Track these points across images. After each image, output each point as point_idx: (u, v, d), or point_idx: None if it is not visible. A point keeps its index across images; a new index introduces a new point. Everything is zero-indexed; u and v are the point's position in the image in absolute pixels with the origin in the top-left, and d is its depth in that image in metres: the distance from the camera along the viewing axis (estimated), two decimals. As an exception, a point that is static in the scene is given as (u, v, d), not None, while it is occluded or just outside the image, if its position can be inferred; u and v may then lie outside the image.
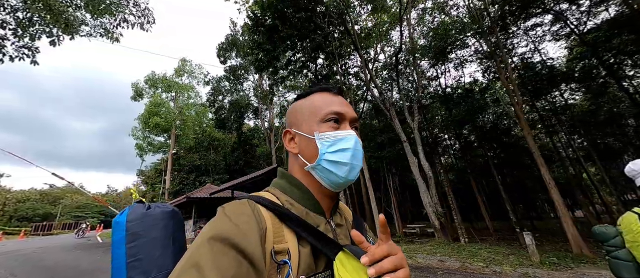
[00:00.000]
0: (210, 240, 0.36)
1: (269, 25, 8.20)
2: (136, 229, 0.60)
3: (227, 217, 0.40)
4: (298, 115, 0.57)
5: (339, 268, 0.40)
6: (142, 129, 21.65)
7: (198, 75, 25.54)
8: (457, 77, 16.62)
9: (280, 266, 0.40)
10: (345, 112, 0.54)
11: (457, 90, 14.83)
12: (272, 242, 0.42)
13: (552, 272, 4.63)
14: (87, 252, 10.57)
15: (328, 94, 0.57)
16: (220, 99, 22.11)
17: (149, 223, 0.61)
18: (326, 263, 0.45)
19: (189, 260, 0.34)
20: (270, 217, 0.45)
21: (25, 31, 7.71)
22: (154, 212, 0.63)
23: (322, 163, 0.50)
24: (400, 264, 0.38)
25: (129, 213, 0.62)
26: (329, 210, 0.55)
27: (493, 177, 17.56)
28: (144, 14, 9.12)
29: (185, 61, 25.25)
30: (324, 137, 0.52)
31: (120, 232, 0.60)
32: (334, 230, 0.52)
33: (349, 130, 0.54)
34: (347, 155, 0.50)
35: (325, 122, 0.53)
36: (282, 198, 0.52)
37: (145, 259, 0.57)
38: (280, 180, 0.57)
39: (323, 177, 0.52)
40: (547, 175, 8.26)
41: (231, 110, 21.72)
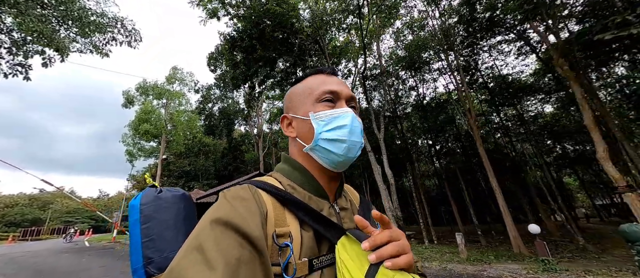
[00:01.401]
0: (212, 223, 0.37)
1: (246, 46, 9.04)
2: (148, 211, 0.63)
3: (228, 202, 0.41)
4: (294, 99, 0.57)
5: (341, 253, 0.40)
6: (133, 135, 22.19)
7: (189, 83, 26.22)
8: (434, 88, 17.79)
9: (282, 249, 0.40)
10: (340, 90, 0.54)
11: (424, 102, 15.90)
12: (273, 226, 0.42)
13: (467, 266, 5.48)
14: (74, 255, 11.11)
15: (322, 75, 0.57)
16: (209, 106, 22.80)
17: (161, 206, 0.64)
18: (329, 246, 0.45)
19: (191, 242, 0.35)
20: (271, 201, 0.45)
21: (19, 50, 8.38)
22: (165, 196, 0.66)
23: (319, 143, 0.50)
24: (403, 250, 0.37)
25: (142, 197, 0.65)
26: (332, 193, 0.54)
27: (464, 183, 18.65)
28: (131, 34, 9.88)
29: (177, 69, 25.93)
30: (320, 117, 0.51)
31: (135, 214, 0.63)
32: (338, 214, 0.52)
33: (345, 107, 0.53)
34: (344, 132, 0.50)
35: (320, 101, 0.53)
36: (284, 182, 0.51)
37: (158, 239, 0.60)
38: (283, 164, 0.56)
39: (322, 157, 0.51)
40: (494, 183, 9.17)
41: (220, 118, 22.41)
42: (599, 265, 5.65)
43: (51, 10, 8.29)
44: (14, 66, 8.35)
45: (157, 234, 0.61)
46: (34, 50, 8.45)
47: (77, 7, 8.68)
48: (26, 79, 8.49)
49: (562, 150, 19.23)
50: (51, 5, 8.05)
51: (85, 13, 8.72)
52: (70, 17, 8.30)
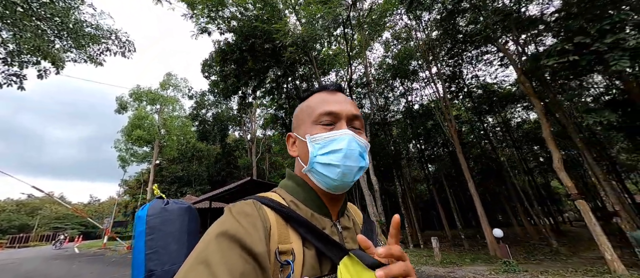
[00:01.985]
0: (218, 237, 0.37)
1: (237, 58, 9.44)
2: (154, 223, 0.64)
3: (234, 217, 0.41)
4: (298, 118, 0.57)
5: (343, 273, 0.39)
6: (125, 141, 22.26)
7: (183, 88, 26.44)
8: (421, 96, 18.43)
9: (283, 266, 0.40)
10: (340, 110, 0.52)
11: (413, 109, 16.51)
12: (277, 242, 0.42)
13: (439, 268, 5.90)
14: (64, 262, 11.17)
15: (325, 93, 0.56)
16: (203, 112, 23.04)
17: (166, 218, 0.65)
18: (331, 266, 0.44)
19: (197, 256, 0.35)
20: (275, 217, 0.45)
21: (14, 60, 8.61)
22: (171, 208, 0.67)
23: (314, 166, 0.50)
24: (408, 272, 0.37)
25: (149, 208, 0.66)
26: (335, 212, 0.54)
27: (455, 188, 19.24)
28: (125, 45, 10.21)
29: (171, 75, 26.14)
30: (316, 139, 0.50)
31: (141, 226, 0.64)
32: (341, 233, 0.51)
33: (343, 129, 0.51)
34: (338, 157, 0.48)
35: (318, 123, 0.52)
36: (287, 199, 0.51)
37: (162, 252, 0.61)
38: (287, 181, 0.56)
39: (318, 180, 0.51)
40: (472, 189, 9.67)
41: (214, 124, 22.66)
42: (561, 266, 6.12)
43: (47, 23, 8.57)
44: (9, 76, 8.58)
45: (161, 246, 0.61)
46: (29, 61, 8.69)
47: (72, 20, 8.99)
48: (20, 88, 8.72)
49: (548, 155, 20.05)
50: (47, 18, 8.34)
51: (80, 26, 9.04)
52: (65, 30, 8.60)
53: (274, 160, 26.82)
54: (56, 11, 8.62)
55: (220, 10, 7.66)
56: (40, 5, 8.41)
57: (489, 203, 20.73)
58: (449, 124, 10.12)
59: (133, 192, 27.79)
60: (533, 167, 18.42)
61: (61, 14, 8.68)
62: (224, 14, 8.98)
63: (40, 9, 8.40)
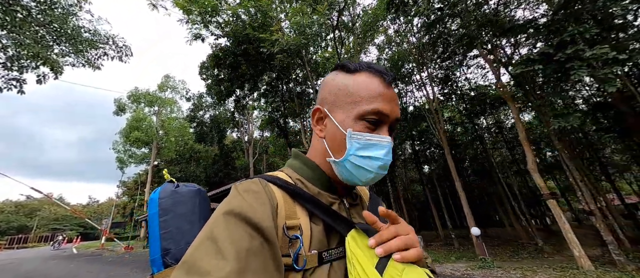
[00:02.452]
0: (224, 214, 0.38)
1: (231, 63, 9.71)
2: (166, 205, 0.67)
3: (240, 194, 0.42)
4: (336, 95, 0.52)
5: (351, 245, 0.40)
6: (124, 142, 22.51)
7: (181, 90, 26.71)
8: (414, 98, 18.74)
9: (291, 241, 0.41)
10: (390, 111, 0.49)
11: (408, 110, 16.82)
12: (284, 218, 0.43)
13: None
14: (63, 262, 11.40)
15: (378, 81, 0.50)
16: (201, 114, 23.30)
17: (178, 200, 0.67)
18: (339, 240, 0.45)
19: (205, 233, 0.37)
20: (281, 194, 0.46)
21: (13, 64, 8.87)
22: (181, 190, 0.70)
23: (346, 163, 0.48)
24: (412, 243, 0.39)
25: (160, 191, 0.70)
26: (342, 190, 0.54)
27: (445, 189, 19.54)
28: (122, 49, 10.47)
29: (169, 77, 26.42)
30: (357, 137, 0.47)
31: (154, 208, 0.68)
32: (348, 210, 0.52)
33: (386, 135, 0.49)
34: (374, 165, 0.47)
35: (362, 119, 0.48)
36: (294, 177, 0.52)
37: (175, 231, 0.63)
38: (294, 160, 0.56)
39: (343, 173, 0.50)
40: (460, 189, 9.94)
41: (211, 125, 22.91)
42: (539, 263, 6.41)
43: (46, 29, 8.83)
44: (9, 81, 8.85)
45: (174, 226, 0.64)
46: (28, 66, 8.95)
47: (70, 26, 9.26)
48: (20, 92, 9.00)
49: (542, 156, 20.32)
50: (46, 25, 8.60)
51: (78, 32, 9.31)
52: (63, 36, 8.87)
53: (271, 160, 27.09)
54: (54, 18, 8.88)
55: (214, 16, 7.93)
56: (40, 11, 8.67)
57: (484, 203, 21.05)
58: (439, 126, 10.41)
59: (131, 193, 28.04)
60: (525, 168, 18.70)
61: (59, 21, 8.94)
62: (219, 19, 9.27)
63: (39, 15, 8.67)
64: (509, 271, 5.23)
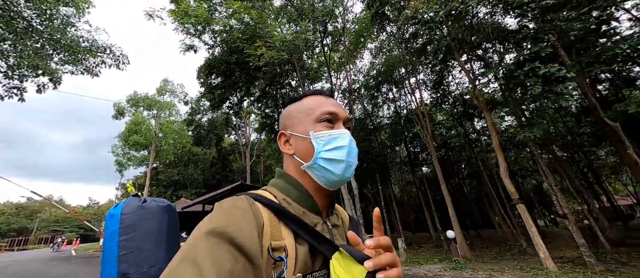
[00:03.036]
0: (207, 234, 0.36)
1: (224, 70, 10.06)
2: (130, 221, 0.61)
3: (225, 212, 0.40)
4: (293, 118, 0.58)
5: (336, 267, 0.40)
6: (123, 146, 22.89)
7: (179, 94, 27.10)
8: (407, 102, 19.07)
9: (276, 262, 0.40)
10: (338, 112, 0.57)
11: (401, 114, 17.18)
12: (269, 238, 0.42)
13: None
14: (61, 263, 11.74)
15: (320, 97, 0.60)
16: (198, 117, 23.68)
17: (144, 217, 0.62)
18: (322, 262, 0.46)
19: (185, 254, 0.34)
20: (267, 214, 0.45)
21: (14, 73, 9.24)
22: (149, 206, 0.65)
23: (318, 161, 0.52)
24: (394, 262, 0.39)
25: (124, 206, 0.64)
26: (325, 210, 0.55)
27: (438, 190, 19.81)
28: (119, 58, 10.85)
29: (167, 81, 26.81)
30: (320, 136, 0.53)
31: (114, 225, 0.61)
32: (331, 231, 0.53)
33: (343, 128, 0.55)
34: (342, 153, 0.51)
35: (320, 122, 0.55)
36: (279, 197, 0.52)
37: (137, 252, 0.58)
38: (278, 179, 0.57)
39: (320, 176, 0.52)
40: (445, 193, 10.26)
41: (209, 129, 23.29)
42: (516, 264, 6.71)
43: (45, 39, 9.20)
44: (10, 89, 9.23)
45: (137, 247, 0.59)
46: (28, 75, 9.32)
47: (69, 37, 9.63)
48: (21, 100, 9.39)
49: (533, 160, 20.65)
50: (46, 38, 8.97)
51: (77, 42, 9.69)
52: (63, 47, 9.25)
53: (268, 163, 27.43)
54: (54, 29, 9.25)
55: (206, 28, 8.28)
56: (40, 22, 9.03)
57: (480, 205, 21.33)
58: (426, 130, 10.74)
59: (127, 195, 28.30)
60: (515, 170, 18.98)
61: (59, 32, 9.31)
62: (213, 28, 9.64)
63: (39, 25, 9.03)
64: (477, 271, 5.54)
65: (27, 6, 8.77)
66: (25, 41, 8.56)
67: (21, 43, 8.65)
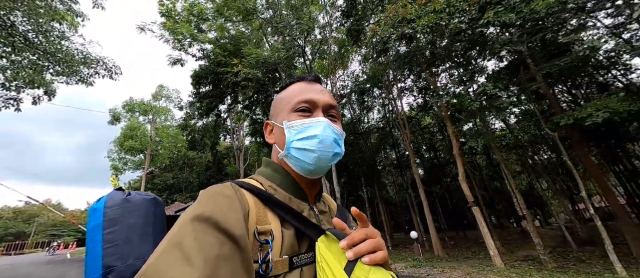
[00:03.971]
0: (193, 219, 0.36)
1: (212, 79, 10.58)
2: (114, 215, 0.60)
3: (210, 199, 0.40)
4: (276, 106, 0.59)
5: (321, 249, 0.41)
6: (118, 151, 23.38)
7: (175, 99, 27.62)
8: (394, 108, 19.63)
9: (262, 245, 0.41)
10: (317, 99, 0.55)
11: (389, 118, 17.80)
12: (255, 223, 0.43)
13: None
14: (55, 266, 12.18)
15: (303, 83, 0.59)
16: (193, 122, 24.16)
17: (129, 209, 0.62)
18: (309, 245, 0.46)
19: (171, 239, 0.34)
20: (253, 200, 0.45)
21: (11, 84, 9.76)
22: (134, 199, 0.64)
23: (290, 151, 0.52)
24: (378, 246, 0.40)
25: (107, 200, 0.63)
26: (312, 197, 0.56)
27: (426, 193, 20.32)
28: (111, 69, 11.38)
29: (163, 87, 27.36)
30: (292, 125, 0.53)
31: (97, 218, 0.60)
32: (317, 216, 0.53)
33: (319, 117, 0.54)
34: (313, 142, 0.51)
35: (295, 111, 0.54)
36: (265, 184, 0.52)
37: (122, 245, 0.57)
38: (265, 168, 0.57)
39: (294, 164, 0.53)
40: (422, 196, 10.78)
41: (202, 133, 23.77)
42: (479, 263, 7.23)
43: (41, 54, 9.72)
44: (7, 100, 9.75)
45: (122, 240, 0.58)
46: (25, 86, 9.83)
47: (64, 50, 10.17)
48: (17, 110, 9.91)
49: (531, 161, 21.17)
50: (43, 52, 9.48)
51: (72, 56, 10.23)
52: (58, 61, 9.78)
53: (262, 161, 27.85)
54: (50, 43, 9.78)
55: (193, 43, 8.81)
56: (36, 35, 9.54)
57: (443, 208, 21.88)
58: (405, 136, 11.28)
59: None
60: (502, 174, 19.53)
61: (54, 46, 9.83)
62: (202, 38, 10.19)
63: (35, 38, 9.55)
64: (433, 268, 6.05)
65: (23, 21, 9.31)
66: (22, 53, 9.08)
67: (18, 55, 9.19)
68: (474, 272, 5.60)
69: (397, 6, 5.09)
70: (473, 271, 5.64)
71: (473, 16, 4.43)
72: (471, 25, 4.50)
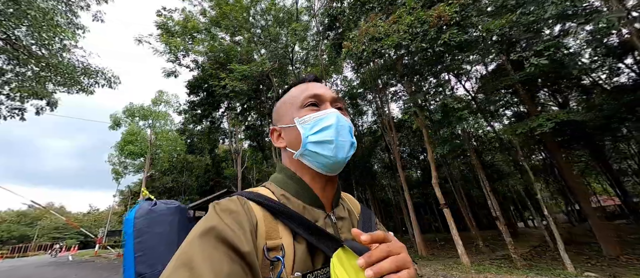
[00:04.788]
0: (201, 236, 0.36)
1: (206, 88, 11.10)
2: (142, 225, 0.65)
3: (218, 214, 0.40)
4: (280, 111, 0.59)
5: (336, 266, 0.38)
6: (119, 155, 24.00)
7: (174, 104, 28.24)
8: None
9: (273, 263, 0.39)
10: (322, 93, 0.55)
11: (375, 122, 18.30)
12: (264, 238, 0.41)
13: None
14: (56, 268, 12.69)
15: (304, 84, 0.59)
16: (191, 127, 24.72)
17: (154, 219, 0.66)
18: (324, 260, 0.43)
19: (180, 257, 0.34)
20: (262, 212, 0.44)
21: (16, 94, 10.35)
22: (159, 208, 0.69)
23: (307, 146, 0.51)
24: (404, 264, 0.36)
25: (136, 210, 0.68)
26: (329, 202, 0.53)
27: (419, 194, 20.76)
28: (110, 79, 11.97)
29: (162, 92, 28.00)
30: (305, 120, 0.52)
31: (129, 229, 0.65)
32: (335, 224, 0.51)
33: (330, 108, 0.54)
34: (330, 133, 0.50)
35: (304, 107, 0.54)
36: (277, 192, 0.51)
37: (150, 253, 0.61)
38: (278, 174, 0.56)
39: (312, 161, 0.51)
40: (407, 199, 11.21)
41: (201, 138, 24.32)
42: (455, 261, 7.66)
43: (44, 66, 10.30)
44: (12, 110, 10.35)
45: (149, 248, 0.62)
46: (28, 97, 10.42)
47: (65, 63, 10.75)
48: (22, 119, 10.51)
49: (520, 163, 21.63)
50: (42, 62, 10.05)
51: (73, 67, 10.82)
52: (60, 73, 10.36)
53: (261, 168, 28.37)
54: (52, 55, 10.37)
55: (186, 55, 9.33)
56: (39, 48, 10.12)
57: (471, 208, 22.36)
58: (395, 146, 11.72)
59: (126, 202, 29.37)
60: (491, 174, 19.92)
61: (56, 58, 10.41)
62: (196, 48, 10.73)
63: (39, 50, 10.12)
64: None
65: (27, 36, 9.90)
66: (27, 65, 9.67)
67: (23, 66, 9.79)
68: (441, 268, 6.03)
69: (368, 26, 5.57)
70: (440, 268, 6.08)
71: (432, 37, 4.91)
72: (431, 44, 4.98)
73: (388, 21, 5.44)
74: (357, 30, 5.89)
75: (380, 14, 5.69)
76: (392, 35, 5.07)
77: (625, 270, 6.49)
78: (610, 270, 6.30)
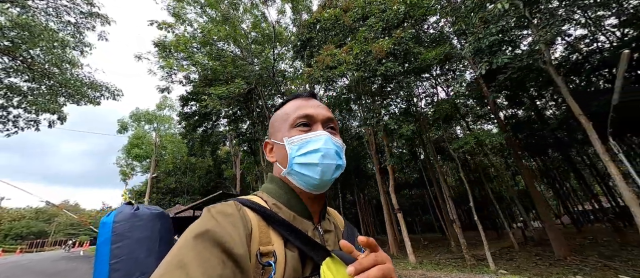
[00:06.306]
0: (195, 238, 0.36)
1: (199, 99, 12.20)
2: (122, 229, 0.62)
3: (213, 217, 0.40)
4: (274, 125, 0.60)
5: (326, 273, 0.39)
6: (126, 158, 25.63)
7: (177, 109, 29.74)
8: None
9: (264, 268, 0.40)
10: (315, 113, 0.56)
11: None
12: (258, 244, 0.42)
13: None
14: (68, 261, 14.14)
15: (299, 100, 0.59)
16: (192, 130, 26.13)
17: (136, 224, 0.63)
18: (313, 268, 0.45)
19: (173, 258, 0.34)
20: (256, 219, 0.45)
21: (32, 108, 11.70)
22: (142, 213, 0.66)
23: (293, 167, 0.52)
24: (389, 274, 0.37)
25: (116, 214, 0.65)
26: (317, 215, 0.55)
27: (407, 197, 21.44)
28: (114, 92, 13.25)
29: (167, 97, 29.46)
30: (293, 141, 0.53)
31: (106, 233, 0.62)
32: (322, 236, 0.52)
33: (319, 130, 0.54)
34: (316, 157, 0.50)
35: (295, 126, 0.55)
36: (270, 201, 0.52)
37: (128, 260, 0.59)
38: (269, 184, 0.57)
39: (298, 181, 0.52)
40: (383, 202, 12.03)
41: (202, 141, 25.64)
42: (404, 262, 8.51)
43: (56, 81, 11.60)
44: (28, 122, 11.73)
45: (128, 254, 0.59)
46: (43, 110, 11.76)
47: (74, 78, 12.05)
48: (36, 130, 11.90)
49: (514, 168, 22.09)
50: (53, 78, 11.33)
51: (80, 83, 12.12)
52: (70, 87, 11.66)
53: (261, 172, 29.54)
54: (62, 72, 11.68)
55: (179, 72, 10.41)
56: (51, 65, 11.40)
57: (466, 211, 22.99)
58: (374, 152, 12.51)
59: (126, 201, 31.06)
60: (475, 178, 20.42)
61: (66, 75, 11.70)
62: (187, 69, 11.83)
63: (52, 67, 11.41)
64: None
65: (40, 56, 11.21)
66: (41, 81, 11.00)
67: (37, 82, 11.15)
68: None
69: (324, 55, 6.41)
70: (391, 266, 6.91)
71: (373, 67, 5.71)
72: (373, 73, 5.77)
73: (342, 50, 6.26)
74: (318, 56, 6.77)
75: (332, 46, 6.52)
76: (342, 65, 5.89)
77: (561, 269, 7.20)
78: (543, 269, 7.02)
